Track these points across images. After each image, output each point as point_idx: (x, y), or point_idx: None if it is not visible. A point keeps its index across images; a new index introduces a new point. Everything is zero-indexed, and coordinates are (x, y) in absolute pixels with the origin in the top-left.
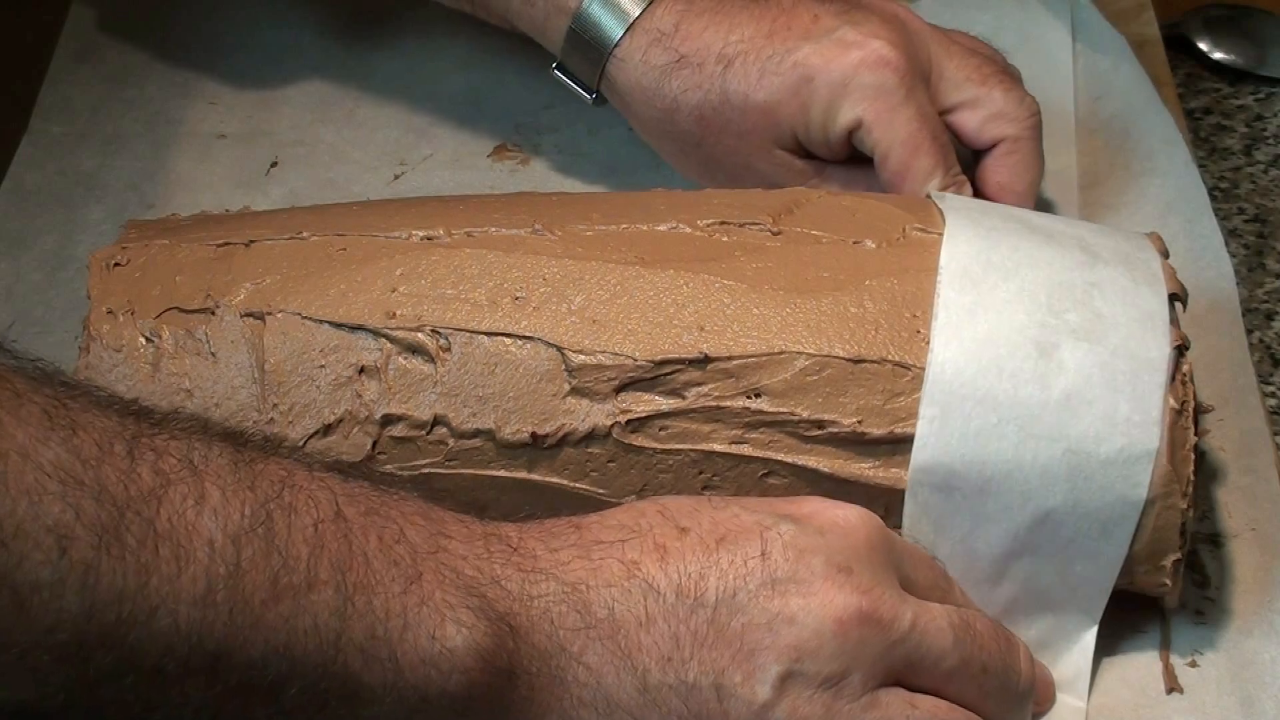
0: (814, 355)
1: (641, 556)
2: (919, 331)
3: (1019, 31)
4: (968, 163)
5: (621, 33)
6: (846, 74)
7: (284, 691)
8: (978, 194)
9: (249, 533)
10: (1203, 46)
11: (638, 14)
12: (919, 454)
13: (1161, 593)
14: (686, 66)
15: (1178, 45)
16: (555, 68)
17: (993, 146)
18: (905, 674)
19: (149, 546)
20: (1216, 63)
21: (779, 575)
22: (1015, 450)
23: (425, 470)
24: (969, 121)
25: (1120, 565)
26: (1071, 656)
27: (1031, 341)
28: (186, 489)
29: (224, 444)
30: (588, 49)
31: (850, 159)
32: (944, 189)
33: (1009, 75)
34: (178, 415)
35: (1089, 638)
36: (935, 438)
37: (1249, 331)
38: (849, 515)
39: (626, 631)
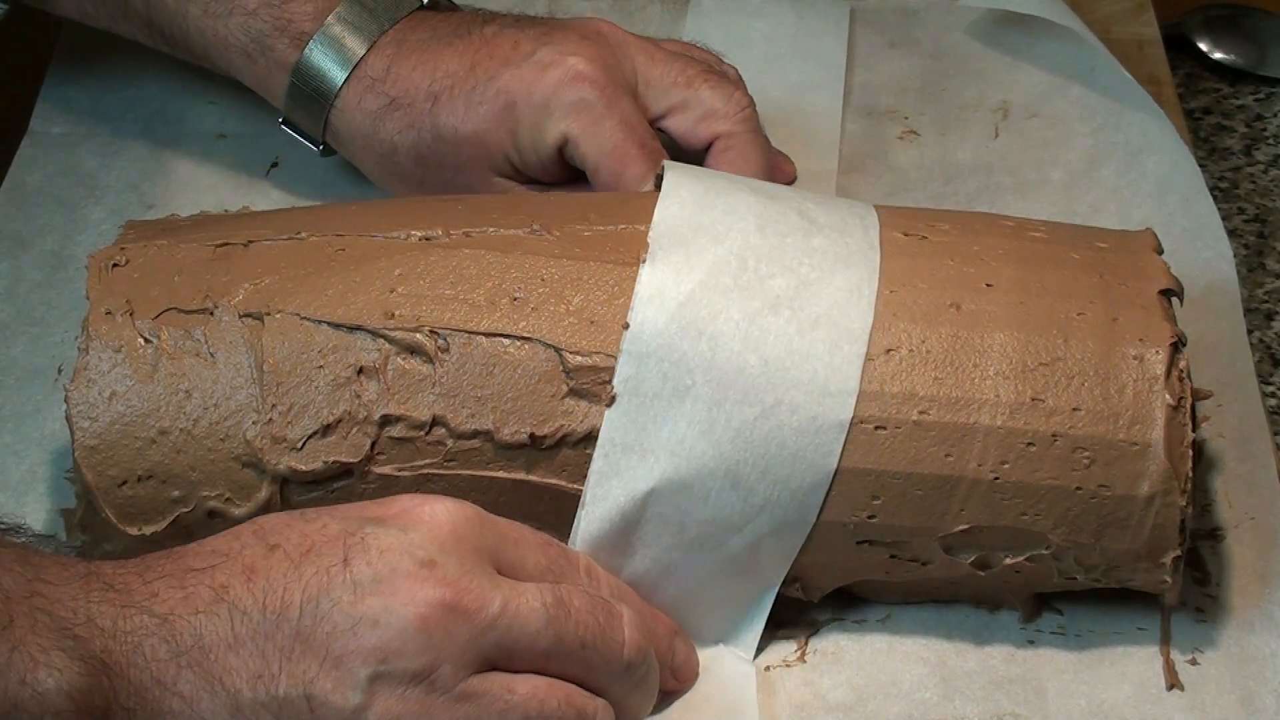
0: None
1: (230, 579)
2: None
3: (792, 39)
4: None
5: (339, 84)
6: (547, 94)
7: None
8: None
9: None
10: (1203, 46)
11: (353, 65)
12: (611, 413)
13: (1161, 589)
14: (399, 108)
15: (1178, 45)
16: (282, 122)
17: (710, 145)
18: (501, 659)
19: None
20: (1216, 63)
21: (360, 579)
22: (709, 413)
23: (424, 471)
24: (681, 124)
25: (808, 534)
26: (748, 617)
27: (735, 306)
28: None
29: None
30: (309, 102)
31: (573, 179)
32: None
33: (716, 74)
34: None
35: (767, 599)
36: (629, 398)
37: (1249, 332)
38: (435, 509)
39: (215, 656)
